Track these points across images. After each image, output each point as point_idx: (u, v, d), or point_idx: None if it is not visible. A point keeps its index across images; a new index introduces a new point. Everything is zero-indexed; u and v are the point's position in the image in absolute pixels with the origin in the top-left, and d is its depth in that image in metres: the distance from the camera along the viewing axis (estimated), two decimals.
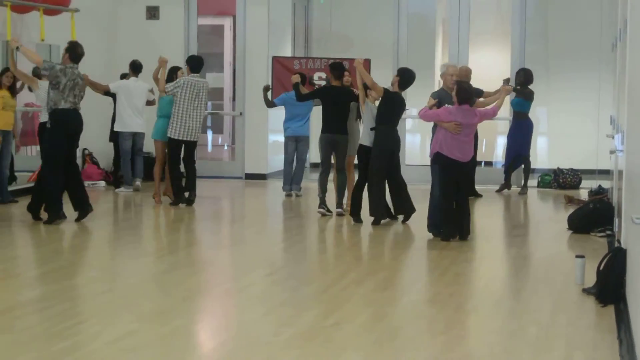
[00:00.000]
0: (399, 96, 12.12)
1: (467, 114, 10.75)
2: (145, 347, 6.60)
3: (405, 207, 12.21)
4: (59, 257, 10.34)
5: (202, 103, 13.53)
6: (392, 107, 12.00)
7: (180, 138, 13.44)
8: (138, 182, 15.47)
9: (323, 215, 12.82)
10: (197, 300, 8.43)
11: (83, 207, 11.92)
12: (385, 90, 12.01)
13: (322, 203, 12.93)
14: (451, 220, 10.88)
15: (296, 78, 13.64)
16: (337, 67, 13.11)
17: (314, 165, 15.75)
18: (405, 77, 12.11)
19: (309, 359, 6.43)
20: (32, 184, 12.90)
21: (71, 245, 11.19)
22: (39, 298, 8.11)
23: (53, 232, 11.45)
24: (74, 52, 11.82)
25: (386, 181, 12.08)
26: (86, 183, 15.93)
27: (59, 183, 11.71)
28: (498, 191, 16.05)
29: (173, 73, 13.92)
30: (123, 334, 6.91)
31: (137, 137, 15.46)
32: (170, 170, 13.67)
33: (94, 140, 16.15)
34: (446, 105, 11.01)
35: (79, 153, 15.78)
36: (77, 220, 11.88)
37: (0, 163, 13.43)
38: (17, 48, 11.85)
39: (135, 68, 15.22)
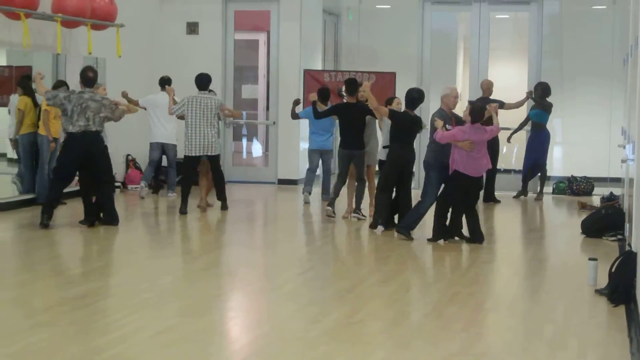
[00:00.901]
0: (407, 115, 11.71)
1: (478, 132, 10.87)
2: (183, 341, 6.61)
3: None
4: (101, 256, 10.39)
5: (211, 118, 13.06)
6: (400, 126, 11.68)
7: (196, 154, 13.16)
8: (171, 195, 15.10)
9: (328, 216, 12.84)
10: (231, 297, 8.45)
11: (111, 222, 11.84)
12: (391, 111, 11.83)
13: (331, 204, 12.91)
14: (459, 225, 11.16)
15: (313, 97, 13.49)
16: (351, 83, 12.86)
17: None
18: (409, 97, 11.68)
19: (336, 354, 6.43)
20: (76, 188, 12.91)
21: (113, 245, 11.22)
22: (83, 294, 8.13)
23: (96, 233, 11.49)
24: (84, 76, 11.78)
25: (393, 193, 11.93)
26: (129, 187, 16.11)
27: (56, 193, 11.85)
28: (515, 197, 15.97)
29: None
30: (162, 328, 6.94)
31: (167, 149, 15.18)
32: (183, 180, 13.56)
33: (138, 147, 16.19)
34: (447, 126, 11.03)
35: (122, 159, 15.90)
36: (105, 224, 11.82)
37: (50, 167, 13.52)
38: (34, 81, 12.33)
39: (163, 83, 15.08)
